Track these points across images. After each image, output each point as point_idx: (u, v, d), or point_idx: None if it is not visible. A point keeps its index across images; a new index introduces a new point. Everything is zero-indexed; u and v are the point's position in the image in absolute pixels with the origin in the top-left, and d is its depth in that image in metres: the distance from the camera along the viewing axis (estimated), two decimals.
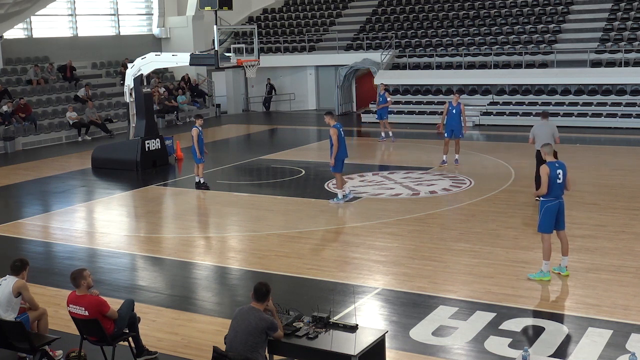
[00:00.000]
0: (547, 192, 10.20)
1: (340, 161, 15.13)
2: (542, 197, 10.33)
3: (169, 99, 30.62)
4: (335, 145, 14.83)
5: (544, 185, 10.17)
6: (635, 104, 25.44)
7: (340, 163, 15.15)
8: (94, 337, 7.85)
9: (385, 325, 8.94)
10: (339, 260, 11.64)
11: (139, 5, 34.41)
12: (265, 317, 6.93)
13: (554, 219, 10.33)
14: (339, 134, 14.91)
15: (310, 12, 36.89)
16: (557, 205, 10.31)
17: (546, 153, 10.46)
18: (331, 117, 15.15)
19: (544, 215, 10.30)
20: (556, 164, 10.33)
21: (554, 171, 10.22)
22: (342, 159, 15.14)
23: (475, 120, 27.05)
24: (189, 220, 14.87)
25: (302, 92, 35.17)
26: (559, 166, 10.31)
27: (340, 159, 15.10)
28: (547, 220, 10.31)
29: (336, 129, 14.90)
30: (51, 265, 12.20)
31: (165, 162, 20.88)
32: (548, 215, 10.28)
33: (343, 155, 15.12)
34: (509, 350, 8.14)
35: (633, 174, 17.44)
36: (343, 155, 15.12)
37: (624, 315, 8.99)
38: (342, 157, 15.13)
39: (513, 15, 31.28)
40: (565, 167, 10.37)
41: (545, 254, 10.33)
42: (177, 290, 10.76)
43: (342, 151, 15.04)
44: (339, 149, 14.89)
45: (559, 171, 10.26)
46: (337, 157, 15.01)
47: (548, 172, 10.19)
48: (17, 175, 20.19)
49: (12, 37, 28.69)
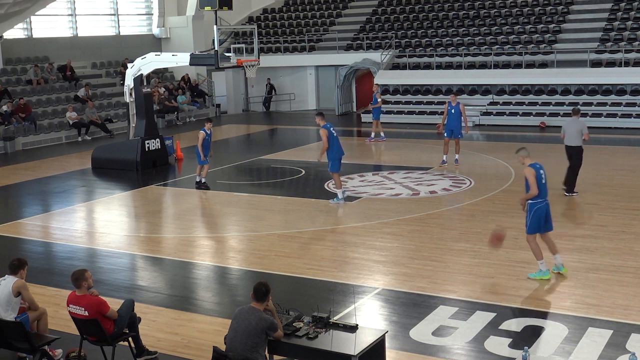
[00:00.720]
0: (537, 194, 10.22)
1: (337, 160, 15.17)
2: (531, 199, 10.33)
3: (169, 99, 30.62)
4: (326, 144, 14.90)
5: (534, 187, 10.18)
6: (635, 104, 25.43)
7: (337, 162, 15.19)
8: (94, 337, 7.85)
9: (385, 325, 8.94)
10: (339, 260, 11.64)
11: (139, 5, 34.41)
12: (265, 317, 6.93)
13: (544, 220, 10.36)
14: (329, 133, 14.97)
15: (310, 12, 36.89)
16: (545, 207, 10.37)
17: (523, 157, 10.47)
18: (321, 118, 15.23)
19: (533, 217, 10.33)
20: (537, 164, 10.37)
21: (538, 172, 10.26)
22: (338, 157, 15.18)
23: (475, 120, 27.05)
24: (189, 220, 14.86)
25: (302, 92, 35.16)
26: (540, 167, 10.36)
27: (336, 158, 15.14)
28: (536, 222, 10.34)
29: (326, 129, 14.98)
30: (51, 265, 12.20)
31: (165, 162, 20.87)
32: (538, 217, 10.31)
33: (339, 153, 15.17)
34: (509, 350, 8.14)
35: (633, 174, 17.44)
36: (339, 153, 15.17)
37: (624, 315, 8.99)
38: (338, 156, 15.17)
39: (513, 15, 31.27)
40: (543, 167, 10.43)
41: (537, 254, 10.35)
42: (177, 290, 10.76)
43: (337, 150, 15.10)
44: (332, 149, 14.95)
45: (542, 171, 10.33)
46: (333, 156, 15.06)
47: (534, 173, 10.22)
48: (17, 175, 20.19)
49: (12, 37, 28.69)
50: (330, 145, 14.93)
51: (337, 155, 15.13)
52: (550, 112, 26.27)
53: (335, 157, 15.10)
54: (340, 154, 15.20)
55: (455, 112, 18.84)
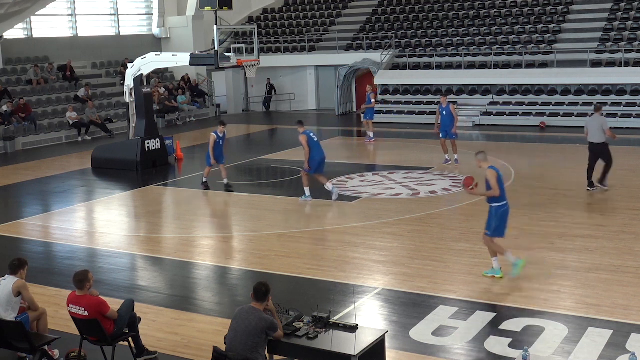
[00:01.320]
0: (500, 196, 10.27)
1: (316, 162, 15.48)
2: (495, 202, 10.35)
3: (169, 99, 30.61)
4: (307, 149, 15.28)
5: (496, 188, 10.19)
6: (635, 104, 25.43)
7: (316, 164, 15.48)
8: (94, 337, 7.85)
9: (385, 325, 8.94)
10: (339, 260, 11.64)
11: (139, 5, 34.41)
12: (265, 317, 6.93)
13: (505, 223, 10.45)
14: (309, 138, 15.37)
15: (310, 12, 36.88)
16: (508, 209, 10.47)
17: (480, 160, 10.51)
18: (300, 125, 15.89)
19: (500, 220, 10.38)
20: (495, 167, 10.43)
21: (499, 174, 10.35)
22: (317, 160, 15.48)
23: (475, 120, 27.06)
24: (189, 220, 14.86)
25: (302, 92, 35.15)
26: (498, 170, 10.43)
27: (315, 161, 15.46)
28: (502, 224, 10.41)
29: (305, 135, 15.42)
30: (51, 265, 12.21)
31: (165, 162, 20.88)
32: (503, 219, 10.40)
33: (318, 156, 15.47)
34: (509, 350, 8.14)
35: (633, 174, 17.44)
36: (318, 156, 15.47)
37: (624, 315, 8.99)
38: (317, 159, 15.47)
39: (513, 15, 31.27)
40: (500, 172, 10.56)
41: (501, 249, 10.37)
42: (177, 290, 10.76)
43: (316, 154, 15.39)
44: (311, 153, 15.30)
45: (500, 174, 10.42)
46: (312, 159, 15.38)
47: (496, 175, 10.26)
48: (17, 175, 20.19)
49: (12, 37, 28.69)
50: (311, 148, 15.31)
51: (317, 158, 15.43)
52: (550, 112, 26.28)
53: (313, 159, 15.38)
54: (319, 157, 15.50)
55: (447, 113, 19.09)
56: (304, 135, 15.47)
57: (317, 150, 15.46)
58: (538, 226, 13.05)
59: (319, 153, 15.49)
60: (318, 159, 15.48)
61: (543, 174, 17.81)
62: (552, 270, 10.60)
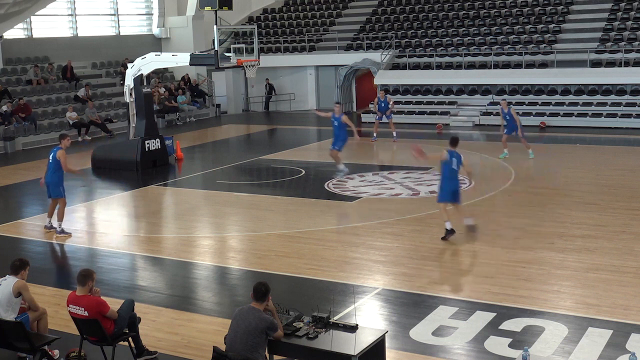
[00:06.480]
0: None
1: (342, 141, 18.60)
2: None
3: (169, 99, 30.61)
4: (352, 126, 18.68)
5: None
6: (635, 104, 25.43)
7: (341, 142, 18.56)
8: (94, 337, 7.84)
9: (385, 325, 8.94)
10: (339, 260, 11.64)
11: (139, 5, 34.40)
12: (265, 317, 6.93)
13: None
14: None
15: (310, 12, 36.88)
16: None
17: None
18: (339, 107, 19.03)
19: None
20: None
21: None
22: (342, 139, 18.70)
23: (475, 120, 27.05)
24: (189, 220, 14.86)
25: (302, 92, 35.16)
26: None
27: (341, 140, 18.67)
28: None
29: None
30: (51, 265, 12.20)
31: (165, 162, 20.86)
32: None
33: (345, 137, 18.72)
34: (509, 350, 8.13)
35: (633, 174, 17.43)
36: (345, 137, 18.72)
37: (624, 315, 8.99)
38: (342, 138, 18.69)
39: (513, 15, 31.27)
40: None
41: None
42: (177, 290, 10.76)
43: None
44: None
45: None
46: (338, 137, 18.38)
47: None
48: (17, 175, 20.18)
49: (12, 37, 28.68)
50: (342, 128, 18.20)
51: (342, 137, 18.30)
52: (550, 112, 26.27)
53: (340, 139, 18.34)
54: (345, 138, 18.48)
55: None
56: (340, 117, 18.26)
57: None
58: (538, 226, 13.04)
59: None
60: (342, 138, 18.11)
61: (543, 174, 17.81)
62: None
